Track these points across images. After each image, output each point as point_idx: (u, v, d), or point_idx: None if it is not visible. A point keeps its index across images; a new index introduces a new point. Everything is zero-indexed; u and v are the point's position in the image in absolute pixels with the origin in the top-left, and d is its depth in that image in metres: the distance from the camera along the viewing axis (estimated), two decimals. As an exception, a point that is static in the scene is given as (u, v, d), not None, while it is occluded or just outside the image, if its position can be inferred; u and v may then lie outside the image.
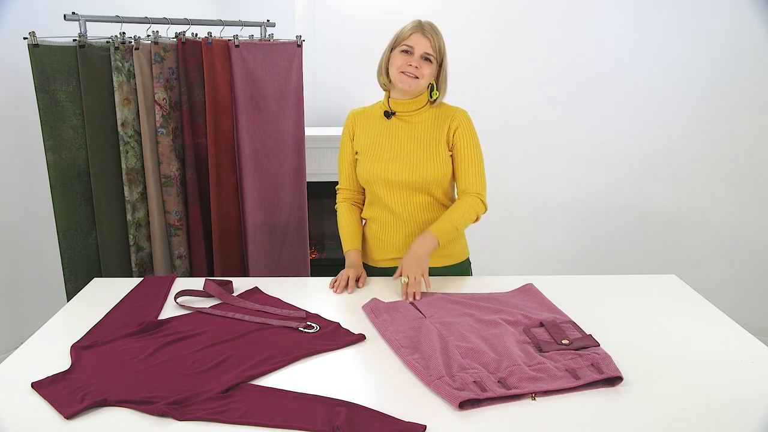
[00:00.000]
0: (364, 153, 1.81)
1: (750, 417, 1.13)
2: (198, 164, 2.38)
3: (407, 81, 1.71)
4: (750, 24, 2.98)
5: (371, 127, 1.82)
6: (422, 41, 1.70)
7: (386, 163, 1.76)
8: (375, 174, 1.77)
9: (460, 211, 1.75)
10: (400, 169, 1.75)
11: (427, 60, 1.71)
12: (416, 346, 1.36)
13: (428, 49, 1.70)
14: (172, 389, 1.21)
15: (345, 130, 1.88)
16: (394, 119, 1.80)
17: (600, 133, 3.41)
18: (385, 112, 1.81)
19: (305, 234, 2.69)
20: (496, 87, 3.49)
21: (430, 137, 1.77)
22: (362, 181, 1.84)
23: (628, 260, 3.45)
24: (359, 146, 1.83)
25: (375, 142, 1.80)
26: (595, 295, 1.70)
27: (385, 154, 1.78)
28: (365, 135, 1.82)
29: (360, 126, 1.84)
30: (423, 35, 1.70)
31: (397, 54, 1.72)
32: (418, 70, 1.70)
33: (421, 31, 1.70)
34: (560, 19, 3.36)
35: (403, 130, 1.79)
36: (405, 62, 1.70)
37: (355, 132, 1.85)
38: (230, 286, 1.73)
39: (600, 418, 1.13)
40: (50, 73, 2.06)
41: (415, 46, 1.70)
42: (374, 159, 1.78)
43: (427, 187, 1.77)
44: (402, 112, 1.80)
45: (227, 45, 2.29)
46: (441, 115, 1.79)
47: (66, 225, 2.17)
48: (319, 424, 1.09)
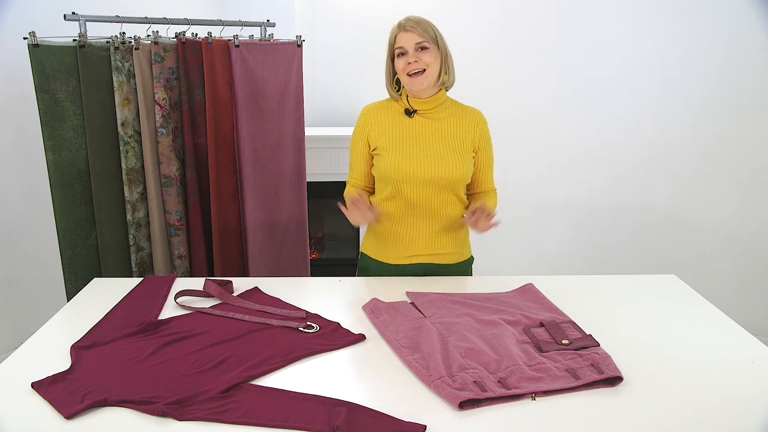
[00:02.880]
0: (386, 149, 1.79)
1: (750, 417, 1.13)
2: (198, 164, 2.38)
3: (417, 80, 1.72)
4: (750, 24, 2.98)
5: (391, 123, 1.81)
6: (407, 36, 1.71)
7: (414, 160, 1.76)
8: (402, 170, 1.76)
9: (492, 203, 1.87)
10: (428, 165, 1.75)
11: (423, 48, 1.71)
12: (416, 346, 1.36)
13: (417, 39, 1.70)
14: (172, 389, 1.21)
15: (359, 126, 1.85)
16: (416, 117, 1.80)
17: (600, 132, 3.41)
18: (407, 111, 1.80)
19: (305, 234, 2.69)
20: (496, 87, 3.49)
21: (455, 136, 1.79)
22: (385, 177, 1.80)
23: (628, 260, 3.45)
24: (379, 142, 1.80)
25: (398, 138, 1.79)
26: (595, 295, 1.70)
27: (412, 150, 1.77)
28: (385, 131, 1.80)
29: (377, 122, 1.82)
30: (405, 31, 1.71)
31: (396, 61, 1.74)
32: (419, 62, 1.70)
33: (402, 29, 1.72)
34: (561, 19, 3.36)
35: (428, 128, 1.79)
36: (405, 63, 1.71)
37: (371, 128, 1.82)
38: (230, 286, 1.73)
39: (600, 418, 1.13)
40: (50, 73, 2.06)
41: (404, 44, 1.71)
42: (400, 155, 1.77)
43: (453, 185, 1.78)
44: (423, 110, 1.80)
45: (227, 45, 2.29)
46: (463, 116, 1.82)
47: (66, 225, 2.17)
48: (319, 424, 1.10)
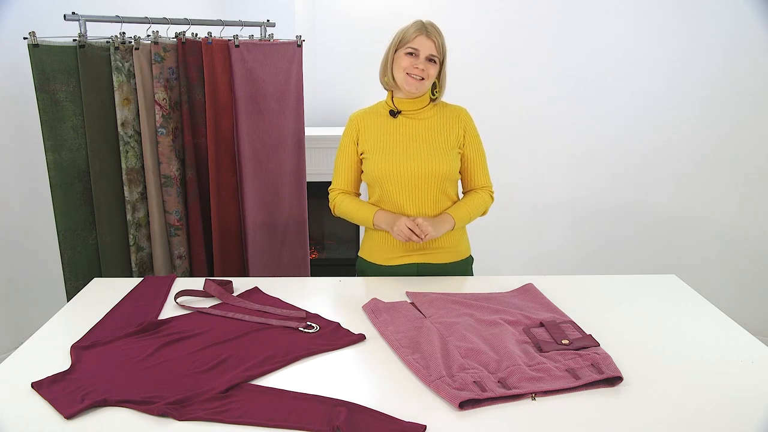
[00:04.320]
0: (371, 151, 1.80)
1: (750, 417, 1.13)
2: (198, 164, 2.38)
3: (414, 83, 1.73)
4: (750, 24, 2.98)
5: (376, 127, 1.82)
6: (427, 43, 1.70)
7: (397, 159, 1.76)
8: (386, 170, 1.77)
9: (474, 203, 1.84)
10: (411, 164, 1.76)
11: (432, 61, 1.72)
12: (416, 346, 1.36)
13: (433, 51, 1.71)
14: (172, 389, 1.21)
15: (347, 132, 1.86)
16: (400, 117, 1.81)
17: (600, 132, 3.41)
18: (391, 111, 1.81)
19: (305, 234, 2.69)
20: (496, 86, 3.49)
21: (438, 134, 1.79)
22: (371, 180, 1.82)
23: (628, 260, 3.45)
24: (366, 146, 1.82)
25: (383, 140, 1.80)
26: (595, 295, 1.70)
27: (395, 150, 1.78)
28: (371, 135, 1.82)
29: (365, 127, 1.83)
30: (427, 37, 1.70)
31: (402, 56, 1.73)
32: (424, 72, 1.72)
33: (425, 33, 1.71)
34: (561, 18, 3.36)
35: (411, 128, 1.80)
36: (411, 64, 1.72)
37: (359, 134, 1.83)
38: (230, 286, 1.73)
39: (600, 418, 1.13)
40: (50, 73, 2.06)
41: (420, 48, 1.70)
42: (384, 156, 1.78)
43: (439, 182, 1.78)
44: (407, 110, 1.81)
45: (227, 45, 2.29)
46: (446, 114, 1.82)
47: (66, 225, 2.17)
48: (319, 424, 1.09)
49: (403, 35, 1.74)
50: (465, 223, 1.84)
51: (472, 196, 1.86)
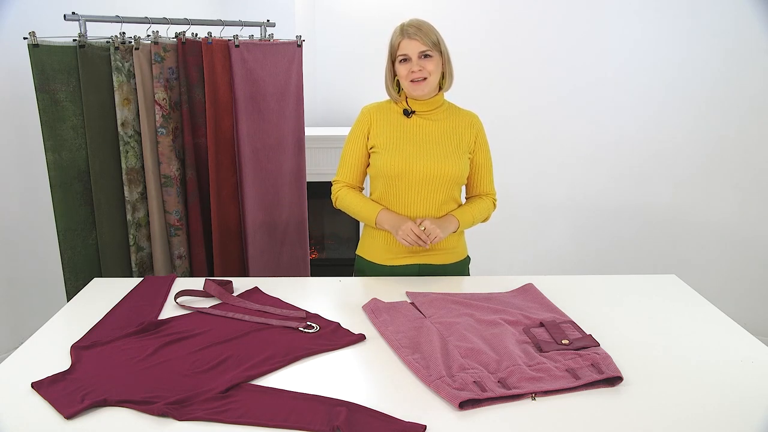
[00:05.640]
0: (384, 147, 1.79)
1: (750, 417, 1.13)
2: (198, 164, 2.38)
3: (419, 86, 1.74)
4: (750, 25, 2.98)
5: (389, 123, 1.82)
6: (412, 44, 1.71)
7: (409, 158, 1.76)
8: (398, 168, 1.76)
9: (479, 208, 1.85)
10: (423, 163, 1.76)
11: (426, 56, 1.72)
12: (416, 346, 1.36)
13: (422, 48, 1.71)
14: (172, 389, 1.21)
15: (359, 123, 1.85)
16: (414, 117, 1.81)
17: (601, 133, 3.41)
18: (405, 111, 1.81)
19: (305, 234, 2.69)
20: (496, 88, 3.49)
21: (451, 136, 1.80)
22: (381, 174, 1.80)
23: (628, 260, 3.45)
24: (378, 140, 1.81)
25: (396, 137, 1.80)
26: (595, 295, 1.70)
27: (407, 148, 1.78)
28: (384, 130, 1.81)
29: (377, 121, 1.83)
30: (410, 38, 1.71)
31: (398, 66, 1.75)
32: (422, 70, 1.72)
33: (407, 35, 1.72)
34: (562, 19, 3.36)
35: (425, 128, 1.81)
36: (408, 70, 1.73)
37: (371, 127, 1.83)
38: (230, 286, 1.73)
39: (600, 418, 1.13)
40: (50, 73, 2.06)
41: (408, 51, 1.72)
42: (396, 153, 1.77)
43: (448, 184, 1.78)
44: (421, 111, 1.81)
45: (227, 45, 2.29)
46: (459, 118, 1.83)
47: (66, 225, 2.17)
48: (319, 424, 1.10)
49: (391, 46, 1.77)
50: (467, 227, 1.85)
51: (477, 201, 1.87)
